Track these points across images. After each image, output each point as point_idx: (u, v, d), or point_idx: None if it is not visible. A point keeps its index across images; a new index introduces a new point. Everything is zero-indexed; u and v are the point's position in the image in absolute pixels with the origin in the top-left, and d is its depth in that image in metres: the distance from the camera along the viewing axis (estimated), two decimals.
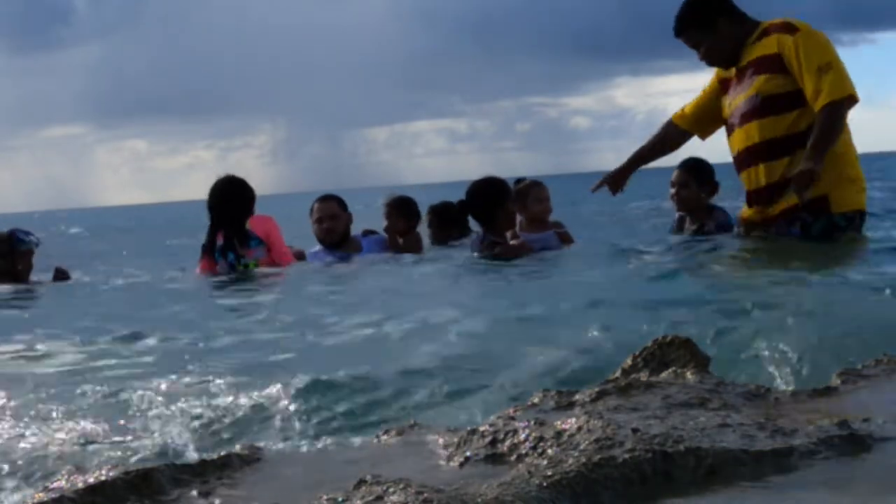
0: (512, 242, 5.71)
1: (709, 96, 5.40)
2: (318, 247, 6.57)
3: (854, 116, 5.03)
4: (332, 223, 6.44)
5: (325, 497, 1.48)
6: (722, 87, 5.26)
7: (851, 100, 4.79)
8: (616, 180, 5.63)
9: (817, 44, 4.82)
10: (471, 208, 5.85)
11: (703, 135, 5.57)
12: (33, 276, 6.44)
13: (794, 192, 4.79)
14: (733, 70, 5.12)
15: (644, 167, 5.79)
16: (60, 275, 6.68)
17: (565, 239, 6.16)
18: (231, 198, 6.27)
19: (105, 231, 24.53)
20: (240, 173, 6.64)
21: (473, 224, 6.27)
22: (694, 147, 5.87)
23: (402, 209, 6.63)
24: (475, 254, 5.77)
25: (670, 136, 5.58)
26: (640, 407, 1.80)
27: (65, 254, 11.13)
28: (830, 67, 4.74)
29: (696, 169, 6.09)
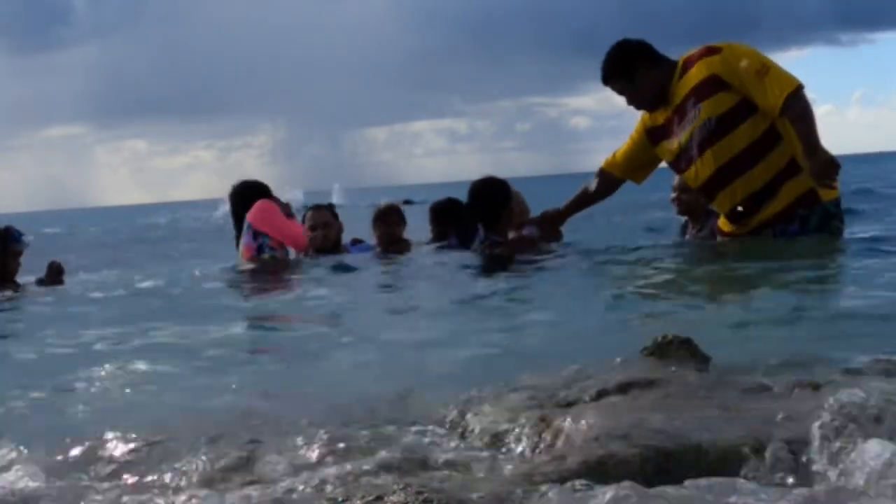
0: (511, 238, 5.71)
1: (637, 145, 5.57)
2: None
3: (854, 116, 5.10)
4: (326, 231, 6.57)
5: (325, 497, 1.48)
6: (652, 136, 5.42)
7: (801, 87, 4.92)
8: (552, 224, 5.84)
9: (745, 53, 5.00)
10: (473, 209, 5.83)
11: (639, 180, 5.81)
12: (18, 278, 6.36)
13: (820, 185, 4.89)
14: (659, 119, 5.30)
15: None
16: (55, 271, 6.55)
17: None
18: (235, 199, 6.63)
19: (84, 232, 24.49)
20: (239, 173, 6.78)
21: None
22: None
23: (389, 218, 6.73)
24: (480, 252, 5.78)
25: (605, 183, 5.76)
26: (640, 406, 1.80)
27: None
28: (767, 67, 4.92)
29: None
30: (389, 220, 6.67)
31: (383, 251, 6.57)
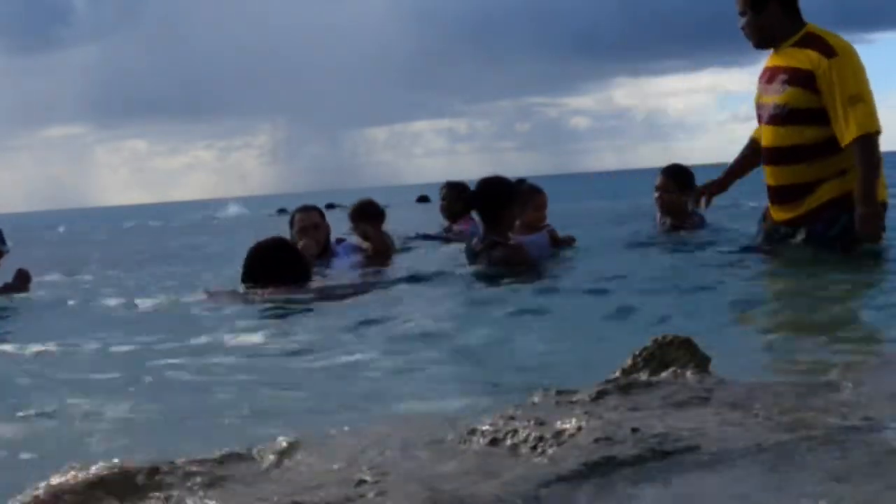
0: (511, 243, 5.70)
1: None
2: None
3: None
4: (316, 233, 6.56)
5: (324, 496, 1.48)
6: (760, 74, 5.42)
7: (878, 133, 4.96)
8: (714, 190, 5.73)
9: (851, 72, 4.98)
10: (477, 204, 5.80)
11: None
12: None
13: (864, 239, 4.94)
14: (769, 60, 5.32)
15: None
16: (22, 278, 6.42)
17: (556, 238, 6.33)
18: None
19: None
20: (239, 173, 6.74)
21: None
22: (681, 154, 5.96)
23: (365, 213, 6.80)
24: (474, 253, 5.76)
25: (755, 149, 5.61)
26: (640, 407, 1.80)
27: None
28: (860, 99, 4.91)
29: (679, 175, 6.58)
30: (368, 216, 6.77)
31: (365, 249, 6.64)
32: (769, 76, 5.23)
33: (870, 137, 4.90)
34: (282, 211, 23.01)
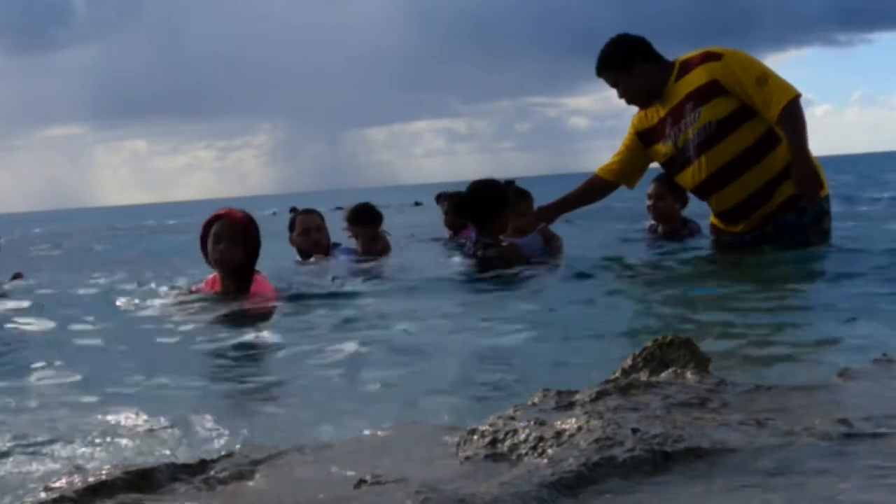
0: (504, 245, 5.71)
1: (629, 149, 5.71)
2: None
3: (853, 117, 5.23)
4: (319, 235, 6.67)
5: (324, 497, 1.48)
6: (644, 138, 5.56)
7: (798, 97, 5.07)
8: (542, 217, 5.94)
9: (745, 60, 5.15)
10: (468, 208, 5.78)
11: (631, 185, 5.96)
12: None
13: (803, 195, 5.09)
14: (653, 119, 5.39)
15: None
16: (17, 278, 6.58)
17: (549, 236, 6.30)
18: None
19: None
20: (239, 173, 6.76)
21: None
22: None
23: (363, 217, 6.84)
24: (468, 256, 5.77)
25: (598, 187, 5.94)
26: (640, 407, 1.80)
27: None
28: (767, 76, 5.06)
29: (672, 183, 6.58)
30: (366, 220, 6.80)
31: (364, 252, 6.67)
32: (672, 119, 5.28)
33: (792, 102, 4.99)
34: (292, 210, 22.97)
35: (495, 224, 5.69)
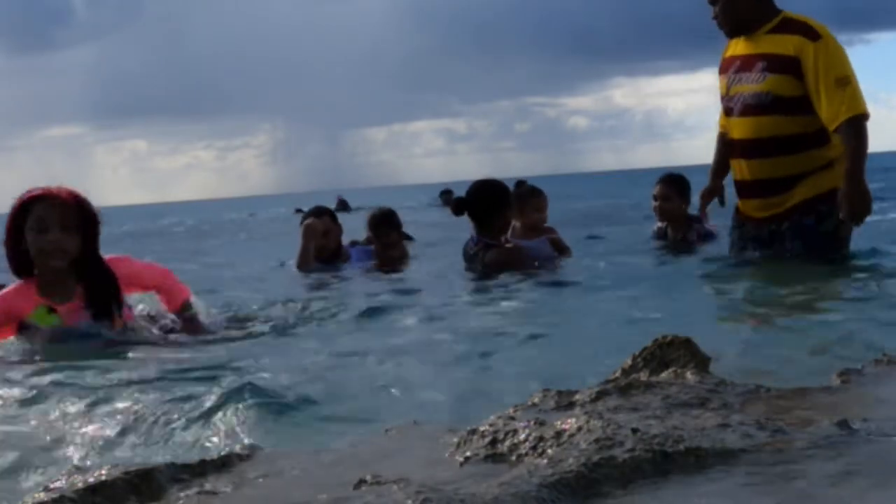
0: (508, 246, 5.71)
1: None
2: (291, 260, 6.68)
3: None
4: (325, 240, 6.56)
5: (324, 497, 1.48)
6: (720, 65, 5.29)
7: (867, 116, 4.82)
8: (709, 197, 5.60)
9: (838, 55, 4.84)
10: (469, 208, 5.77)
11: None
12: None
13: (850, 218, 4.79)
14: (730, 51, 5.15)
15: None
16: None
17: (557, 244, 6.29)
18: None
19: None
20: (239, 173, 6.70)
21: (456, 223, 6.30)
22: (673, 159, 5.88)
23: (383, 223, 6.78)
24: (468, 256, 5.76)
25: (725, 143, 5.47)
26: (640, 407, 1.80)
27: None
28: (848, 82, 4.76)
29: (677, 183, 6.59)
30: (381, 228, 6.74)
31: (380, 256, 6.60)
32: (740, 65, 5.05)
33: (860, 119, 4.75)
34: (298, 211, 23.04)
35: (496, 224, 5.69)
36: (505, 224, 5.81)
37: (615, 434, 1.56)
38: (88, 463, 2.10)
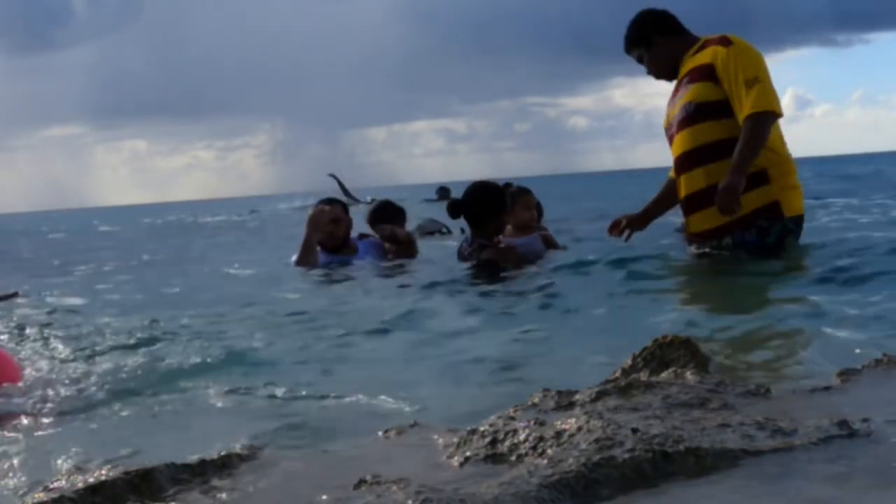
0: (501, 246, 5.71)
1: None
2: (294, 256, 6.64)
3: (853, 116, 5.06)
4: (335, 227, 6.51)
5: (324, 497, 1.48)
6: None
7: (774, 115, 4.87)
8: (637, 226, 5.62)
9: (748, 58, 4.96)
10: (465, 209, 5.77)
11: None
12: None
13: (719, 209, 4.84)
14: (673, 86, 5.30)
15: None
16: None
17: (549, 242, 6.30)
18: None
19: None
20: (239, 173, 6.67)
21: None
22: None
23: (377, 218, 6.75)
24: (463, 257, 5.77)
25: (673, 189, 5.52)
26: (640, 407, 1.80)
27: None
28: (758, 81, 4.87)
29: None
30: (382, 219, 6.71)
31: (389, 250, 6.57)
32: (675, 91, 5.23)
33: (763, 115, 4.80)
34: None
35: (491, 225, 5.69)
36: (501, 226, 5.81)
37: (615, 434, 1.56)
38: (89, 462, 2.10)
